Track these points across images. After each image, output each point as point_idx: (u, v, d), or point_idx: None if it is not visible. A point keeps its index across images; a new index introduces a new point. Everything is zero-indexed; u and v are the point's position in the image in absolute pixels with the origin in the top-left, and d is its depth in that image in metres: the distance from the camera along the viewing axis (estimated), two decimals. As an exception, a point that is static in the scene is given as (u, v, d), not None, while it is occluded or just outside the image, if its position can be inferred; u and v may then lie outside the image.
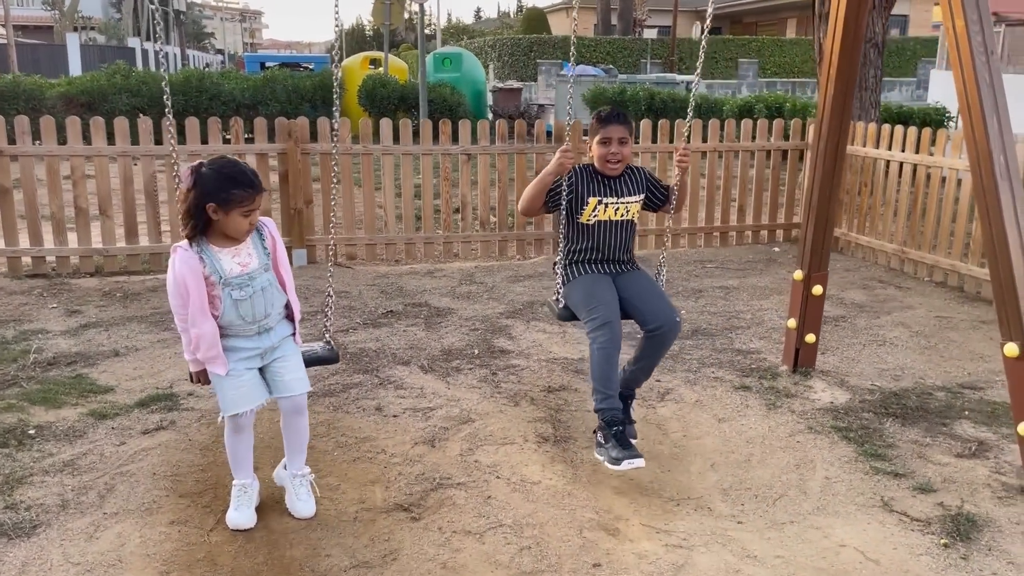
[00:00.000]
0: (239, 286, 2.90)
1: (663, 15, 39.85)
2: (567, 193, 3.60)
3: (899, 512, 3.25)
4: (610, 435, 3.34)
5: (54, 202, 6.42)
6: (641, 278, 3.69)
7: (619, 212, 3.67)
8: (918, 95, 26.94)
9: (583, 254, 3.70)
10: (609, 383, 3.40)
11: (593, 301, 3.48)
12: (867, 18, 3.98)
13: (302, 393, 3.07)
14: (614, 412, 3.38)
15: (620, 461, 3.24)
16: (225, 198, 2.78)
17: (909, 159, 6.85)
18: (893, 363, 4.88)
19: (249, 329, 2.99)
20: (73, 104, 14.01)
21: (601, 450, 3.37)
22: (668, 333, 3.53)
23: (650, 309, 3.54)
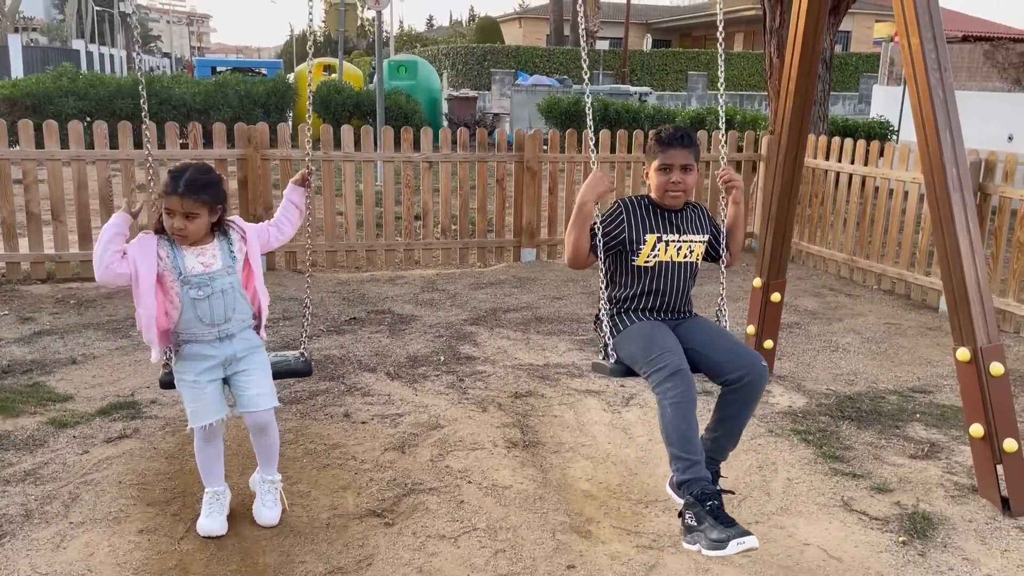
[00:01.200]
0: (198, 285, 2.87)
1: (615, 27, 40.39)
2: (617, 234, 3.06)
3: (859, 511, 3.36)
4: (705, 514, 2.63)
5: (5, 207, 6.26)
6: (705, 324, 3.14)
7: (682, 252, 3.09)
8: (860, 109, 27.76)
9: (635, 302, 3.10)
10: (691, 447, 2.74)
11: (655, 349, 2.88)
12: (824, 35, 4.12)
13: (266, 409, 3.01)
14: (703, 483, 2.71)
15: (726, 543, 2.53)
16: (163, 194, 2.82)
17: (858, 171, 7.08)
18: (847, 368, 5.04)
19: (208, 333, 2.94)
20: (18, 107, 13.63)
21: (695, 535, 2.63)
22: (756, 382, 2.92)
23: (727, 356, 2.94)
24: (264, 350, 3.14)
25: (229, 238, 2.97)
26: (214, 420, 2.97)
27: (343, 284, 6.61)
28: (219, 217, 2.92)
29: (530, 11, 48.59)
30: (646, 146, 3.17)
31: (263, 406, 3.00)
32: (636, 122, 15.41)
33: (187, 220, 2.81)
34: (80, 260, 6.50)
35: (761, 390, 2.97)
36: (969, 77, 18.48)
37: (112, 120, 6.62)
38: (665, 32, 44.31)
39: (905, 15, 3.35)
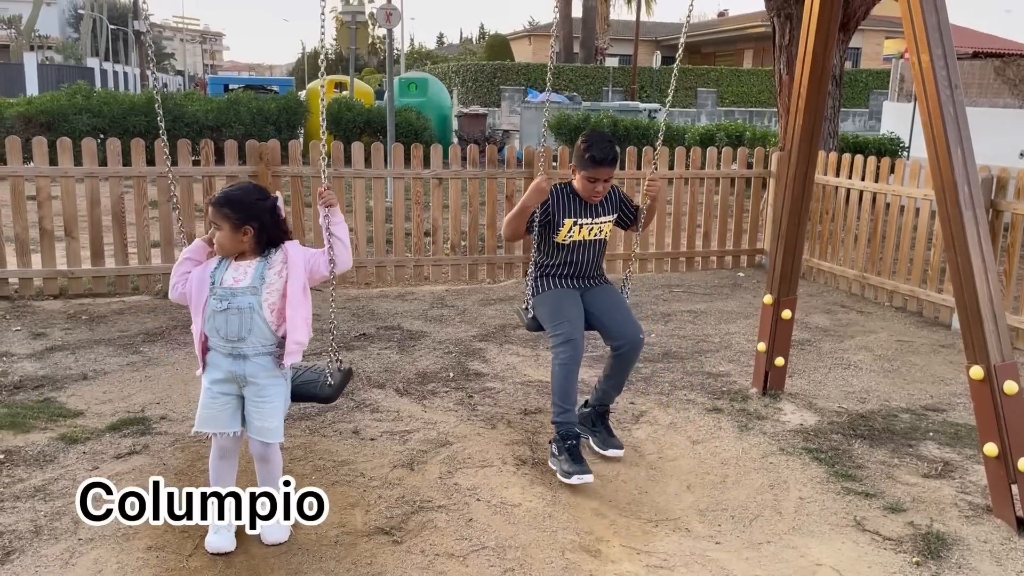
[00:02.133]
0: (220, 297, 2.92)
1: (624, 44, 40.57)
2: (544, 215, 3.78)
3: (871, 531, 3.33)
4: (563, 448, 3.59)
5: (18, 223, 6.31)
6: (609, 293, 3.88)
7: (592, 232, 3.85)
8: (871, 125, 27.72)
9: (555, 269, 3.88)
10: (567, 397, 3.61)
11: (559, 317, 3.68)
12: (834, 52, 4.12)
13: (268, 443, 3.02)
14: (569, 426, 3.62)
15: (571, 475, 3.52)
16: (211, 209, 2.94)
17: (869, 187, 7.06)
18: (859, 386, 5.00)
19: (223, 347, 2.96)
20: (32, 124, 13.77)
21: (555, 460, 3.63)
22: (632, 351, 3.75)
23: (615, 327, 3.75)
24: (284, 379, 3.05)
25: (268, 260, 2.96)
26: (215, 431, 2.98)
27: (353, 300, 6.62)
28: (254, 236, 2.92)
29: (540, 28, 48.84)
30: (576, 148, 3.76)
31: (265, 438, 3.01)
32: (646, 139, 15.44)
33: (217, 230, 2.93)
34: (92, 276, 6.54)
35: (635, 358, 3.79)
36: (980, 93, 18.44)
37: (125, 137, 6.69)
38: (674, 49, 44.43)
39: (915, 32, 3.34)
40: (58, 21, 50.86)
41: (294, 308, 2.95)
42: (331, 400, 3.22)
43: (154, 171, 6.50)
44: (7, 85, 26.19)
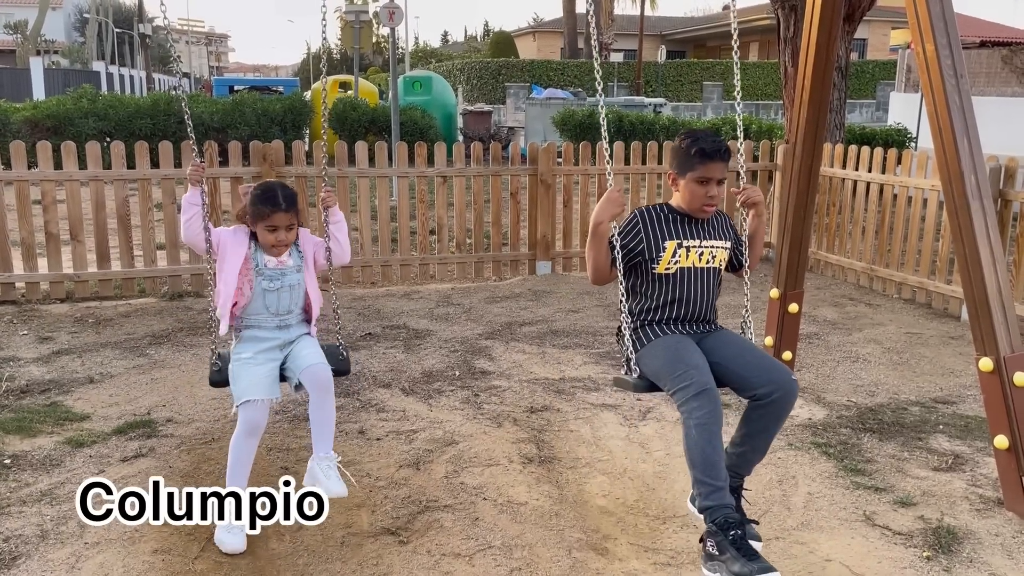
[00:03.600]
0: (271, 278, 3.17)
1: (629, 39, 40.45)
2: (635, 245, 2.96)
3: (881, 526, 3.30)
4: (727, 544, 2.56)
5: (24, 227, 6.32)
6: (730, 337, 3.02)
7: (704, 258, 2.99)
8: (878, 116, 27.59)
9: (658, 312, 2.98)
10: (716, 471, 2.65)
11: (681, 366, 2.77)
12: (838, 44, 4.08)
13: (324, 364, 3.13)
14: (727, 511, 2.62)
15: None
16: (254, 213, 3.14)
17: (876, 179, 7.01)
18: (867, 379, 4.96)
19: (271, 321, 3.20)
20: (39, 128, 13.81)
21: (715, 564, 2.58)
22: (785, 398, 2.82)
23: (755, 370, 2.85)
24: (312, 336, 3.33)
25: (297, 241, 3.27)
26: (260, 396, 3.04)
27: (358, 299, 6.62)
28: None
29: (544, 25, 48.77)
30: (676, 150, 3.01)
31: (320, 360, 3.13)
32: (651, 134, 15.38)
33: (288, 232, 3.16)
34: (99, 279, 6.55)
35: (791, 406, 2.87)
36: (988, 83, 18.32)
37: (131, 140, 6.69)
38: (679, 43, 44.33)
39: (919, 21, 3.30)
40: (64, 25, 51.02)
41: (315, 289, 3.29)
42: (348, 372, 3.45)
43: (159, 173, 6.50)
44: (14, 90, 26.28)
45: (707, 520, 2.64)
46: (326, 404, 3.15)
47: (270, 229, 3.12)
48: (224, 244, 3.17)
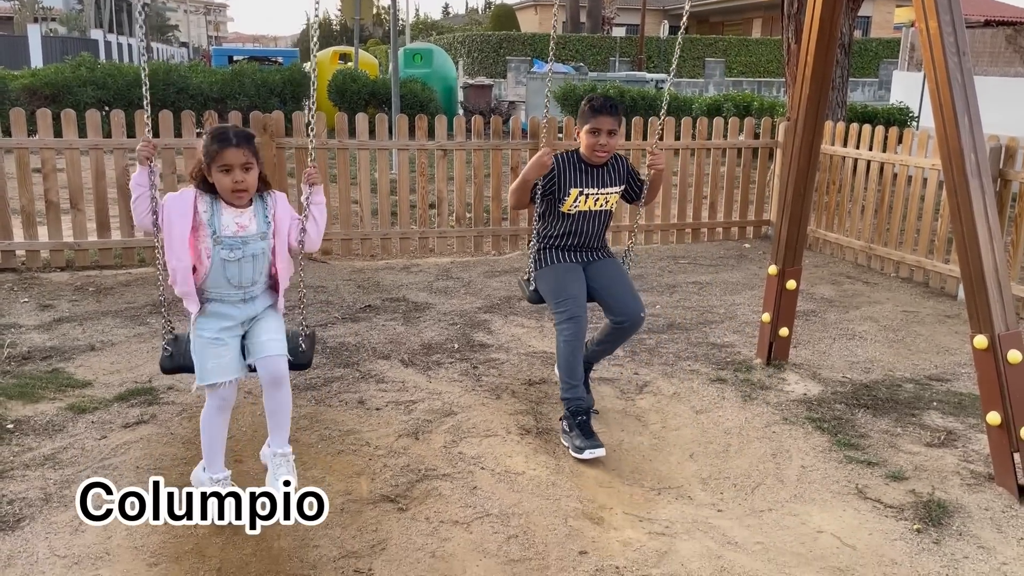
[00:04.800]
0: (230, 247, 2.88)
1: (631, 13, 40.10)
2: (549, 184, 3.75)
3: (873, 499, 3.35)
4: (575, 424, 3.63)
5: (24, 195, 6.32)
6: (611, 267, 3.87)
7: (599, 203, 3.81)
8: (880, 95, 27.45)
9: (558, 240, 3.84)
10: (575, 374, 3.64)
11: (562, 293, 3.68)
12: (841, 20, 4.07)
13: (280, 355, 2.93)
14: (579, 402, 3.64)
15: (583, 450, 3.54)
16: (205, 155, 2.83)
17: (876, 157, 7.01)
18: (863, 356, 5.00)
19: (234, 295, 2.95)
20: (37, 96, 13.73)
21: (567, 437, 3.66)
22: (631, 327, 3.79)
23: (617, 302, 3.75)
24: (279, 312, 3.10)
25: (266, 203, 2.98)
26: (227, 379, 2.89)
27: (358, 272, 6.63)
28: (260, 175, 2.93)
29: (546, -2, 48.27)
30: (580, 110, 3.79)
31: (277, 351, 2.92)
32: (652, 109, 15.33)
33: (246, 172, 2.84)
34: (99, 248, 6.56)
35: (632, 333, 3.83)
36: (991, 62, 18.21)
37: (129, 110, 6.65)
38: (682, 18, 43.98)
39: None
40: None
41: (284, 258, 3.01)
42: (309, 366, 3.19)
43: (159, 143, 6.48)
44: (11, 57, 26.10)
45: (565, 407, 3.67)
46: (279, 396, 3.00)
47: (224, 170, 2.81)
48: (168, 214, 2.82)
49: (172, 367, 3.05)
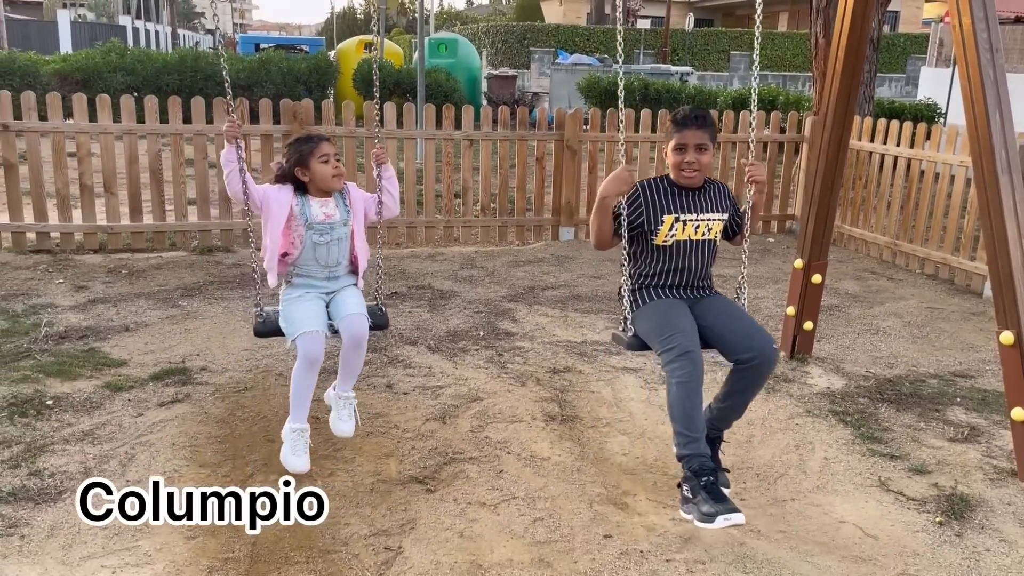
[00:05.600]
0: (320, 231, 3.28)
1: (657, 6, 39.90)
2: (636, 215, 3.14)
3: (896, 491, 3.38)
4: (699, 487, 2.80)
5: (59, 178, 6.44)
6: (722, 302, 3.21)
7: (700, 231, 3.16)
8: (907, 91, 27.19)
9: (656, 279, 3.19)
10: (693, 424, 2.87)
11: (669, 328, 2.99)
12: (873, 14, 4.08)
13: (362, 314, 3.27)
14: (702, 459, 2.86)
15: (714, 517, 2.71)
16: (301, 155, 3.26)
17: (904, 153, 6.98)
18: (887, 351, 5.02)
19: (321, 272, 3.34)
20: (68, 81, 13.93)
21: (689, 506, 2.82)
22: (765, 364, 3.01)
23: (740, 337, 3.03)
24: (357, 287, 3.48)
25: (342, 194, 3.38)
26: (314, 328, 3.15)
27: (384, 259, 6.69)
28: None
29: (571, -11, 48.09)
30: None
31: (358, 310, 3.28)
32: (677, 102, 15.29)
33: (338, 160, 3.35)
34: (131, 232, 6.68)
35: (769, 372, 3.06)
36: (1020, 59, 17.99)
37: (158, 96, 6.75)
38: (708, 11, 43.67)
39: (957, -6, 3.30)
40: (90, -21, 50.93)
41: (362, 241, 3.41)
42: (387, 326, 3.56)
43: (191, 128, 6.59)
44: (42, 42, 26.42)
45: (684, 467, 2.89)
46: (358, 353, 3.32)
47: (323, 160, 3.24)
48: (269, 201, 3.25)
49: (265, 331, 3.34)
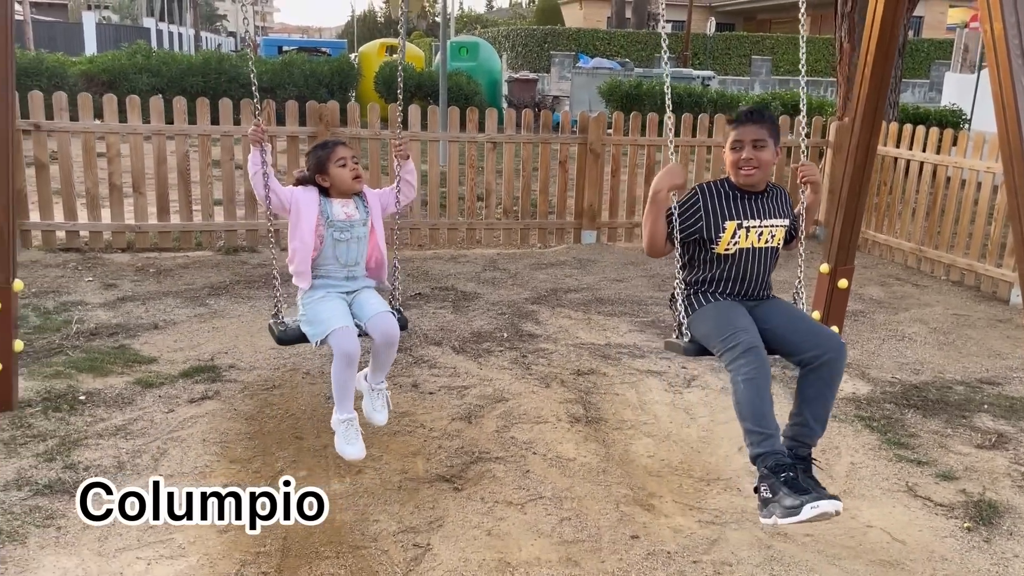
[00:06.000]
0: (341, 229, 3.34)
1: (678, 10, 39.79)
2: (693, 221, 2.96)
3: (923, 497, 3.37)
4: (779, 484, 2.58)
5: (89, 178, 6.53)
6: (781, 305, 3.05)
7: (763, 238, 2.98)
8: (930, 97, 26.96)
9: (713, 285, 3.01)
10: (765, 421, 2.67)
11: (729, 327, 2.81)
12: (903, 18, 4.07)
13: (390, 312, 3.33)
14: (777, 456, 2.64)
15: (800, 508, 2.50)
16: (319, 160, 3.33)
17: (930, 159, 6.95)
18: (912, 357, 5.00)
19: (340, 272, 3.38)
20: (94, 82, 14.09)
21: (772, 506, 2.59)
22: (835, 360, 2.83)
23: (804, 336, 2.87)
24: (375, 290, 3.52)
25: (362, 197, 3.45)
26: (343, 323, 3.19)
27: (407, 261, 6.75)
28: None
29: (591, -7, 48.08)
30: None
31: (386, 309, 3.34)
32: (699, 106, 15.26)
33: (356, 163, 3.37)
34: (158, 231, 6.76)
35: (842, 368, 2.86)
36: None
37: (183, 97, 6.83)
38: (729, 15, 43.53)
39: (988, 0, 3.29)
40: (115, -19, 51.51)
41: (380, 236, 3.46)
42: (406, 328, 3.50)
43: (219, 129, 6.66)
44: (67, 44, 26.76)
45: (759, 468, 2.65)
46: (391, 350, 3.37)
47: (340, 164, 3.29)
48: (298, 203, 3.28)
49: (287, 339, 3.33)
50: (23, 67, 13.28)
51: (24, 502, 3.05)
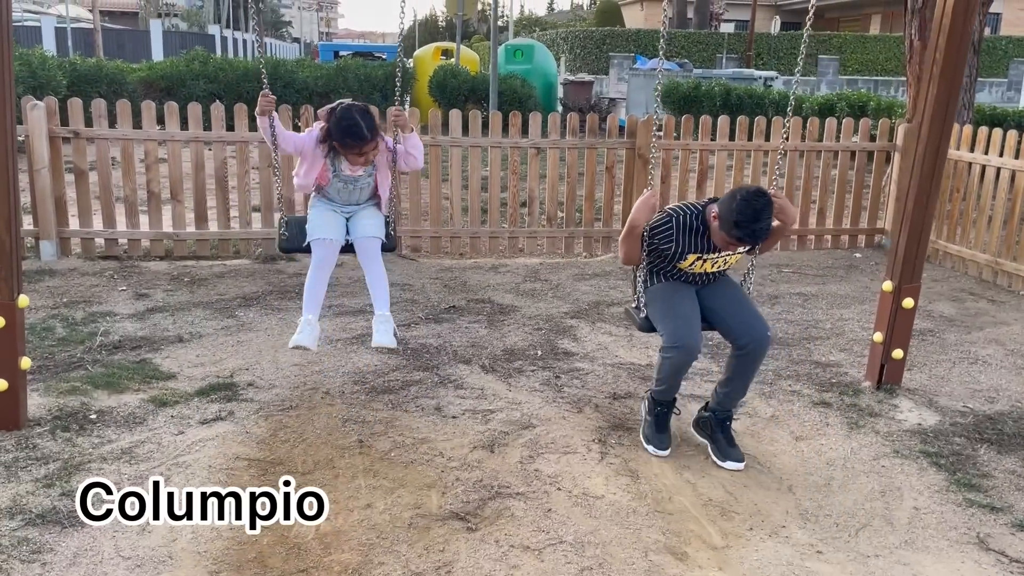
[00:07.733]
0: (345, 181, 4.00)
1: (741, 9, 38.98)
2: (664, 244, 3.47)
3: (996, 551, 2.97)
4: (652, 410, 3.61)
5: (127, 185, 6.48)
6: (728, 287, 3.60)
7: (717, 265, 3.54)
8: (1009, 96, 25.74)
9: (671, 274, 3.59)
10: (672, 391, 3.57)
11: (672, 317, 3.42)
12: (976, 15, 3.66)
13: (373, 236, 3.96)
14: (667, 397, 3.57)
15: (648, 443, 3.61)
16: (339, 143, 3.85)
17: (1008, 164, 6.42)
18: (987, 383, 4.55)
19: (342, 203, 4.09)
20: (153, 89, 14.30)
21: (644, 424, 3.69)
22: (758, 350, 3.43)
23: (738, 324, 3.45)
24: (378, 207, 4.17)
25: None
26: (328, 236, 3.90)
27: (445, 271, 6.53)
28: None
29: (653, -6, 47.40)
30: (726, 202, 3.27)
31: (371, 233, 3.97)
32: (759, 108, 14.73)
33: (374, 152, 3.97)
34: (196, 239, 6.67)
35: (762, 357, 3.45)
36: None
37: (240, 102, 6.73)
38: (795, 14, 42.40)
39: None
40: (184, -10, 52.86)
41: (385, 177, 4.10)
42: (394, 249, 4.22)
43: (257, 136, 6.53)
44: (135, 51, 27.43)
45: (651, 395, 3.62)
46: (374, 269, 3.93)
47: (355, 156, 3.86)
48: (305, 152, 3.92)
49: (289, 248, 4.05)
50: (83, 74, 13.54)
51: (14, 533, 2.89)
